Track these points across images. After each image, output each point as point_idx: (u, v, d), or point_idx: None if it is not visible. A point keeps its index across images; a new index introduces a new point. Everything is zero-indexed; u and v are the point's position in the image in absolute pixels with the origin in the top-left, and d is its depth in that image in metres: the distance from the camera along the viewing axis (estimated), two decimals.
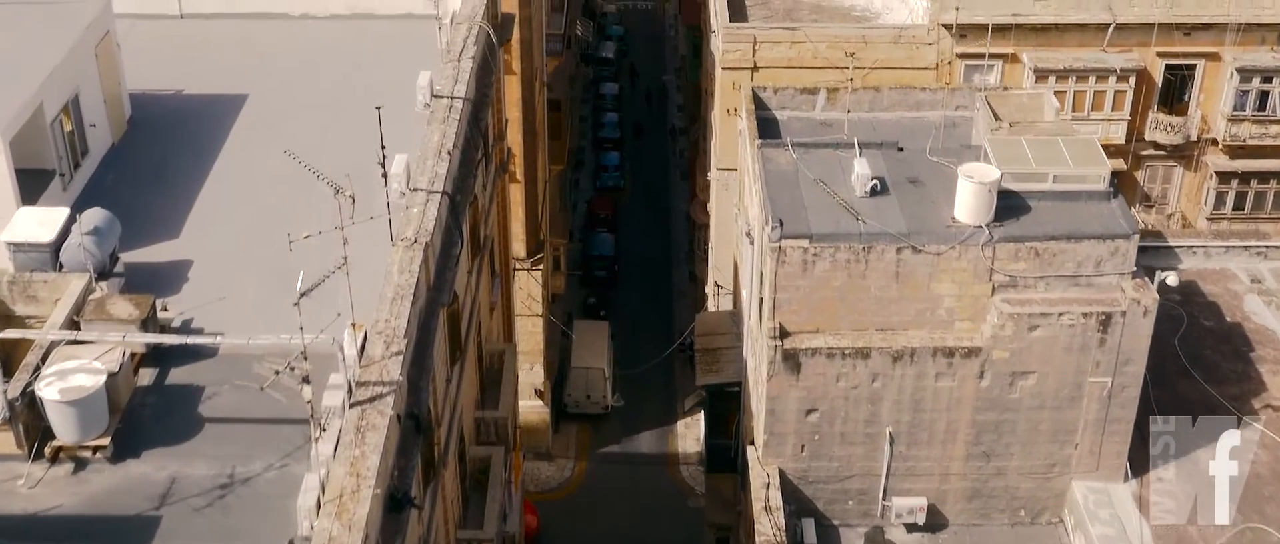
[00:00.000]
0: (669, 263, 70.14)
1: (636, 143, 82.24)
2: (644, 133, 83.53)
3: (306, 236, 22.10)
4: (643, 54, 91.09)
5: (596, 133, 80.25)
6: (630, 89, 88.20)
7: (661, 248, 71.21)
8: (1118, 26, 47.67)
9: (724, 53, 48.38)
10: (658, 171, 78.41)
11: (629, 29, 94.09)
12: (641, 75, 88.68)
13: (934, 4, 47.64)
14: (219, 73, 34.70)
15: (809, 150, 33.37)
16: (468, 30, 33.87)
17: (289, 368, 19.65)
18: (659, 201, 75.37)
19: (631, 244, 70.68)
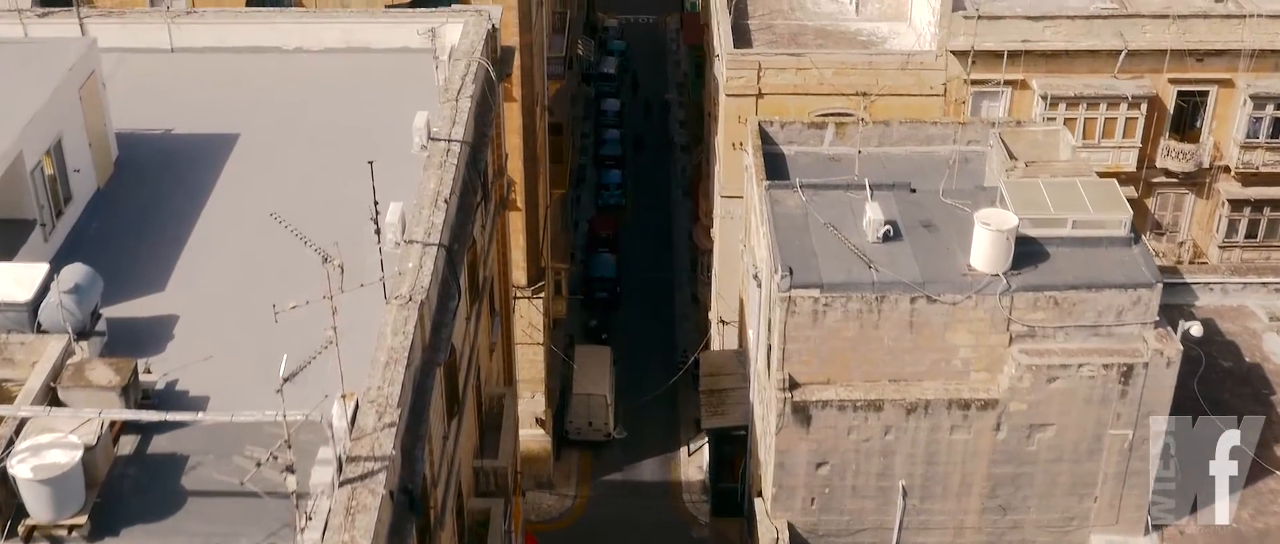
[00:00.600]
0: (671, 283, 68.65)
1: (638, 157, 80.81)
2: (645, 146, 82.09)
3: (293, 307, 20.61)
4: (644, 69, 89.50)
5: (598, 150, 78.72)
6: (632, 100, 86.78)
7: (664, 268, 69.71)
8: (1129, 53, 46.19)
9: (728, 79, 46.90)
10: (660, 189, 76.91)
11: (630, 44, 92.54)
12: (642, 86, 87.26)
13: (942, 31, 46.17)
14: (210, 110, 33.15)
15: (818, 191, 31.82)
16: (466, 67, 32.36)
17: (272, 457, 18.14)
18: (661, 220, 73.84)
19: (633, 264, 69.17)
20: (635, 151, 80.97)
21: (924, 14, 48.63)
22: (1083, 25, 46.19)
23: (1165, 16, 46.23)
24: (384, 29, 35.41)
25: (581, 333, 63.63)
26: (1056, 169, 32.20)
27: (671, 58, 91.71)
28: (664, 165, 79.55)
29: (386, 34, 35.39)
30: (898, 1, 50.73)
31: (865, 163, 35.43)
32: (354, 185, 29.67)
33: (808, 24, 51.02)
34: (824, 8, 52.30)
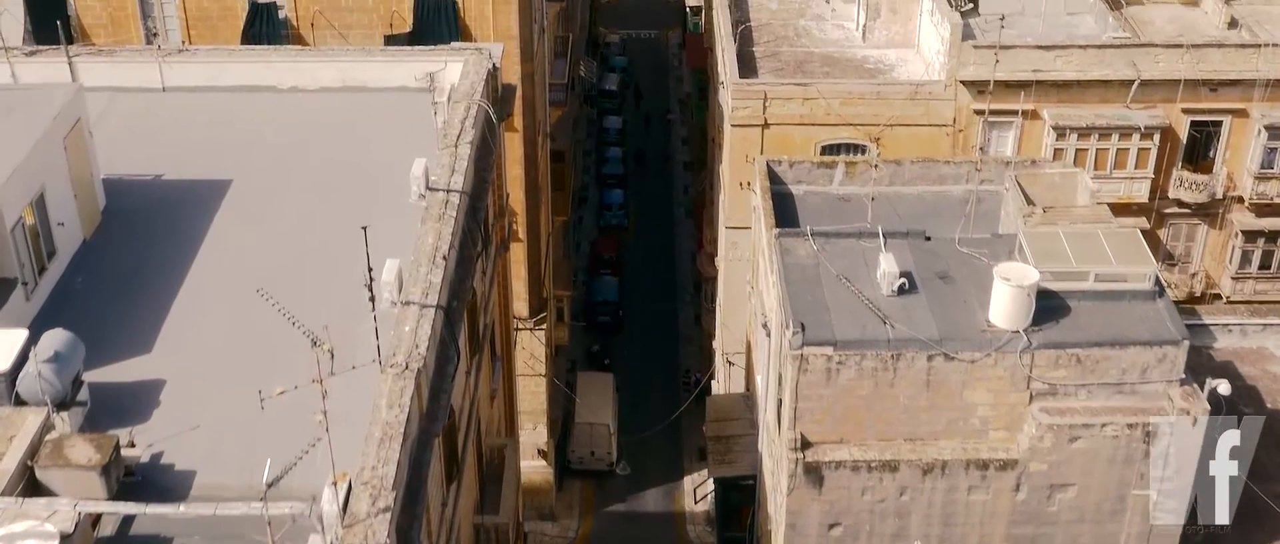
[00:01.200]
0: (674, 306, 67.16)
1: (639, 170, 79.42)
2: (646, 160, 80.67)
3: (280, 393, 19.15)
4: (646, 84, 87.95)
5: (599, 169, 77.21)
6: (635, 110, 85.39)
7: (666, 290, 68.21)
8: (1142, 83, 44.69)
9: (733, 109, 45.40)
10: (662, 208, 75.39)
11: (632, 59, 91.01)
12: (645, 98, 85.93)
13: (951, 60, 44.66)
14: (201, 153, 31.65)
15: (830, 239, 30.33)
16: (465, 109, 30.89)
17: None
18: (664, 240, 72.32)
19: (636, 287, 67.67)
20: (637, 165, 79.62)
21: (932, 41, 47.16)
22: (1095, 55, 44.70)
23: (1179, 46, 44.75)
24: (381, 67, 33.93)
25: (584, 358, 62.17)
26: (1076, 215, 30.72)
27: (674, 73, 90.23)
28: (666, 184, 78.13)
29: (384, 73, 33.91)
30: (905, 28, 49.23)
31: (877, 203, 33.97)
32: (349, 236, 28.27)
33: (814, 51, 49.52)
34: (830, 34, 50.81)
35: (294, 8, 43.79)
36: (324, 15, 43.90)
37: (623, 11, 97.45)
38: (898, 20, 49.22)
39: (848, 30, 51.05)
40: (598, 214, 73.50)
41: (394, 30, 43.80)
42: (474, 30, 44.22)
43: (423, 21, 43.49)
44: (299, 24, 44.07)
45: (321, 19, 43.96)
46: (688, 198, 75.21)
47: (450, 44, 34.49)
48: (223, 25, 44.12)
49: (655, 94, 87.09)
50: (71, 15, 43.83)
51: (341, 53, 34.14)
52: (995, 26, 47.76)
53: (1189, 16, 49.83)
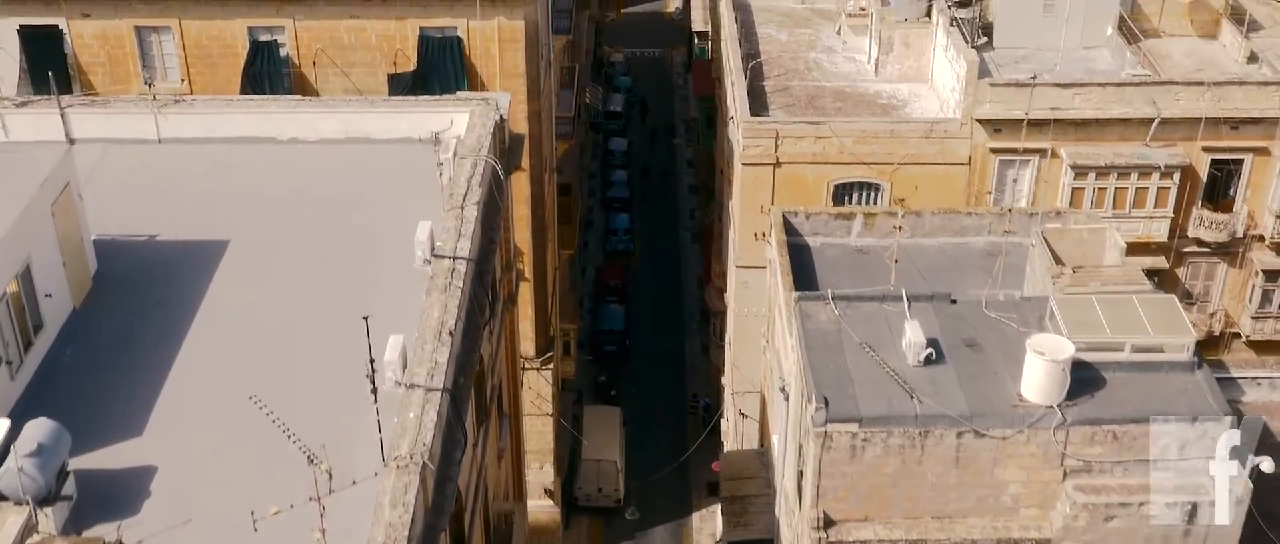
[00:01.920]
0: (681, 335, 65.41)
1: (644, 185, 77.81)
2: (651, 174, 79.07)
3: (276, 512, 17.47)
4: (651, 105, 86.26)
5: (605, 192, 75.45)
6: (641, 125, 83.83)
7: (674, 318, 66.45)
8: (1162, 121, 42.99)
9: (745, 148, 43.68)
10: (668, 233, 73.61)
11: (637, 78, 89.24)
12: (651, 111, 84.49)
13: (968, 98, 42.94)
14: (198, 210, 29.94)
15: (852, 303, 28.59)
16: (472, 166, 29.17)
17: None
18: (670, 266, 70.57)
19: (643, 315, 65.93)
20: (642, 180, 77.98)
21: (946, 77, 45.45)
22: (1114, 93, 42.99)
23: (1199, 83, 43.05)
24: (385, 119, 32.22)
25: (590, 389, 60.47)
26: (1107, 277, 29.01)
27: (678, 93, 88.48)
28: (672, 206, 76.38)
29: (387, 124, 32.21)
30: (918, 63, 47.51)
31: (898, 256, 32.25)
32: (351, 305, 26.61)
33: (825, 85, 47.81)
34: (841, 68, 49.11)
35: (295, 46, 42.08)
36: (326, 53, 42.20)
37: (626, 30, 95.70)
38: (911, 54, 47.51)
39: (859, 63, 49.35)
40: (603, 239, 71.76)
41: (398, 69, 42.09)
42: (480, 68, 42.51)
43: (427, 60, 41.79)
44: (300, 62, 42.35)
45: (324, 57, 42.25)
46: (695, 222, 73.50)
47: (456, 94, 32.74)
48: (223, 63, 42.41)
49: (660, 113, 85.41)
50: (68, 54, 42.10)
51: (343, 103, 32.43)
52: (1011, 61, 46.28)
53: (1207, 50, 48.15)
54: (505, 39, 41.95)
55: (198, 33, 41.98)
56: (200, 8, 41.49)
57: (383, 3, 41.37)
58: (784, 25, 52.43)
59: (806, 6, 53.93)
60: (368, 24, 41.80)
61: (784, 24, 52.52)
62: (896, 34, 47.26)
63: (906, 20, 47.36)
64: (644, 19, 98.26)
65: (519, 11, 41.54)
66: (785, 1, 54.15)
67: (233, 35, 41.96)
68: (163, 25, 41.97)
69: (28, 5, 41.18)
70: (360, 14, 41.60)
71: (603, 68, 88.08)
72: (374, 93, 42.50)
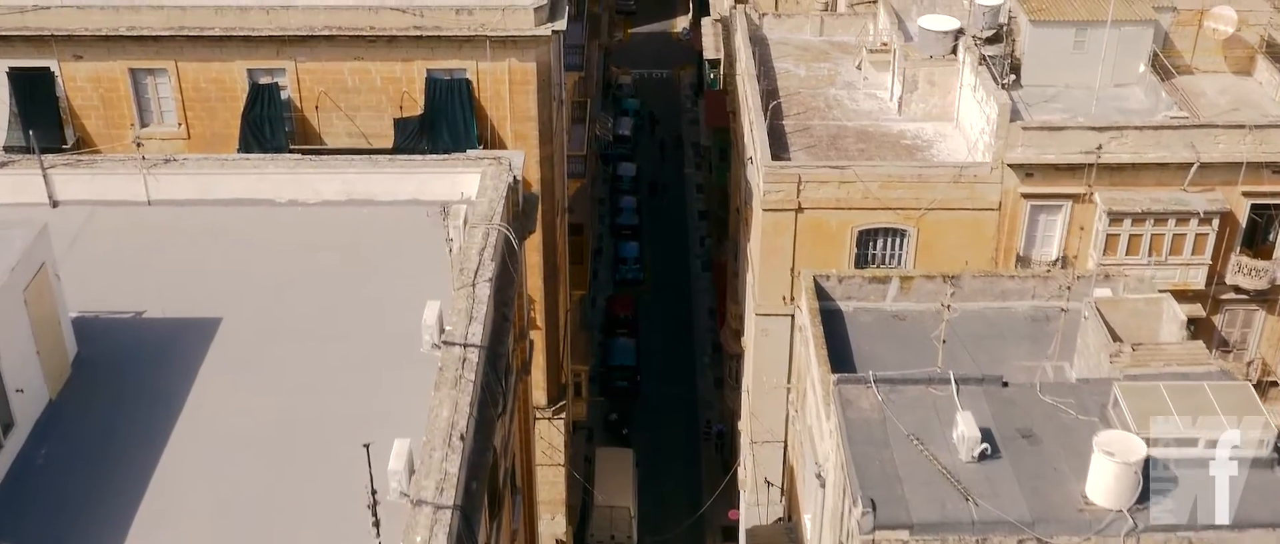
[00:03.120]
0: (693, 368, 62.49)
1: (652, 202, 75.06)
2: (658, 190, 76.30)
3: None
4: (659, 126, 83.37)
5: (614, 219, 72.49)
6: (650, 134, 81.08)
7: (685, 352, 63.50)
8: (1201, 165, 40.01)
9: (766, 193, 40.69)
10: (678, 260, 70.62)
11: (645, 100, 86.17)
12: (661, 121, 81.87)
13: (998, 141, 39.96)
14: (188, 282, 27.02)
15: (896, 388, 25.64)
16: (484, 237, 26.24)
17: None
18: (681, 296, 67.59)
19: (653, 347, 62.97)
20: (650, 197, 75.20)
21: (974, 116, 42.49)
22: (1151, 136, 39.99)
23: (1240, 126, 40.04)
24: (390, 180, 29.32)
25: (601, 427, 57.55)
26: (1170, 356, 26.10)
27: (687, 115, 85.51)
28: (682, 231, 73.40)
29: (393, 185, 29.32)
30: (944, 101, 44.54)
31: (932, 320, 29.36)
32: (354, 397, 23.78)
33: (847, 124, 44.82)
34: (863, 105, 46.13)
35: (297, 88, 39.17)
36: (329, 96, 39.29)
37: (634, 51, 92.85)
38: (936, 93, 44.54)
39: (882, 101, 46.37)
40: (613, 268, 68.81)
41: (404, 112, 39.17)
42: (490, 111, 39.58)
43: (435, 103, 38.86)
44: (303, 105, 39.44)
45: (326, 100, 39.35)
46: (705, 250, 70.59)
47: (466, 152, 29.79)
48: (222, 107, 39.50)
49: (668, 133, 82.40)
50: (60, 97, 39.18)
51: (346, 163, 29.47)
52: (1040, 100, 43.36)
53: (1243, 88, 45.22)
54: (516, 82, 39.05)
55: (195, 75, 39.07)
56: (197, 49, 38.58)
57: (388, 44, 38.45)
58: (802, 59, 49.47)
59: (825, 39, 50.98)
60: (372, 66, 38.89)
61: (802, 58, 49.56)
62: (921, 72, 44.29)
63: (931, 57, 44.38)
64: (651, 39, 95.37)
65: (531, 53, 38.63)
66: (802, 34, 51.18)
67: (232, 77, 39.05)
68: (158, 67, 39.08)
69: (17, 47, 38.25)
70: (364, 55, 38.70)
71: (610, 89, 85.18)
72: (379, 137, 39.67)
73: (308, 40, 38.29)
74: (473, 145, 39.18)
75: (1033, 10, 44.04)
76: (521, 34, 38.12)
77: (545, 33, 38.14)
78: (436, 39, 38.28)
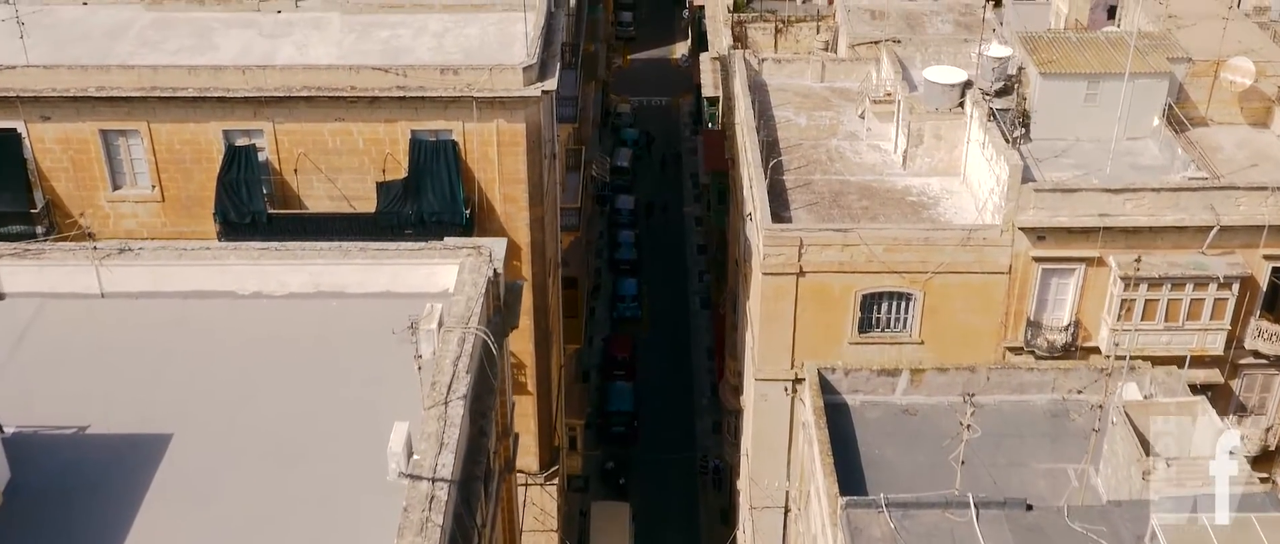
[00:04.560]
0: (691, 410, 59.38)
1: (649, 221, 72.11)
2: (655, 212, 73.34)
3: None
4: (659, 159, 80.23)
5: (612, 254, 69.34)
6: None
7: (684, 392, 60.36)
8: (1222, 228, 36.89)
9: (766, 257, 37.59)
10: (677, 295, 67.40)
11: (645, 128, 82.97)
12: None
13: (1009, 204, 36.86)
14: (139, 391, 24.03)
15: (910, 512, 22.55)
16: (459, 344, 23.15)
17: None
18: (680, 335, 64.41)
19: (651, 388, 59.84)
20: (647, 216, 72.49)
21: (982, 173, 39.37)
22: (1169, 198, 36.86)
23: (1263, 188, 36.90)
24: (361, 271, 26.25)
25: (597, 477, 54.43)
26: (1208, 476, 22.91)
27: (686, 144, 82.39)
28: (681, 265, 70.26)
29: (364, 277, 26.23)
30: (950, 156, 41.41)
31: (945, 416, 26.25)
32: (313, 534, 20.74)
33: (850, 179, 41.69)
34: (866, 158, 43.00)
35: (276, 150, 36.12)
36: (309, 158, 36.23)
37: (634, 78, 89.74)
38: (942, 147, 41.41)
39: (885, 153, 43.23)
40: (610, 306, 65.65)
41: (388, 175, 36.12)
42: (478, 173, 36.51)
43: (420, 165, 35.78)
44: (282, 167, 36.39)
45: (306, 162, 36.30)
46: (704, 285, 67.45)
47: (444, 240, 26.68)
48: (197, 169, 36.45)
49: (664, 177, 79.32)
50: (28, 159, 36.12)
51: (313, 252, 26.38)
52: (1050, 155, 40.24)
53: (1260, 141, 42.01)
54: (505, 143, 36.00)
55: (169, 136, 36.02)
56: (170, 110, 35.55)
57: (370, 105, 35.38)
58: (803, 107, 46.33)
59: (826, 85, 47.85)
60: (354, 127, 35.82)
61: (803, 106, 46.42)
62: (927, 126, 41.15)
63: (937, 110, 41.24)
64: (651, 66, 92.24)
65: (520, 114, 35.55)
66: (803, 79, 48.04)
67: (207, 139, 36.01)
68: (130, 128, 36.04)
69: None
70: (346, 116, 35.64)
71: (609, 117, 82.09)
72: (362, 200, 36.62)
73: (286, 101, 35.24)
74: (459, 209, 36.16)
75: (1043, 62, 40.90)
76: (510, 94, 35.05)
77: (534, 94, 35.05)
78: (421, 100, 35.24)
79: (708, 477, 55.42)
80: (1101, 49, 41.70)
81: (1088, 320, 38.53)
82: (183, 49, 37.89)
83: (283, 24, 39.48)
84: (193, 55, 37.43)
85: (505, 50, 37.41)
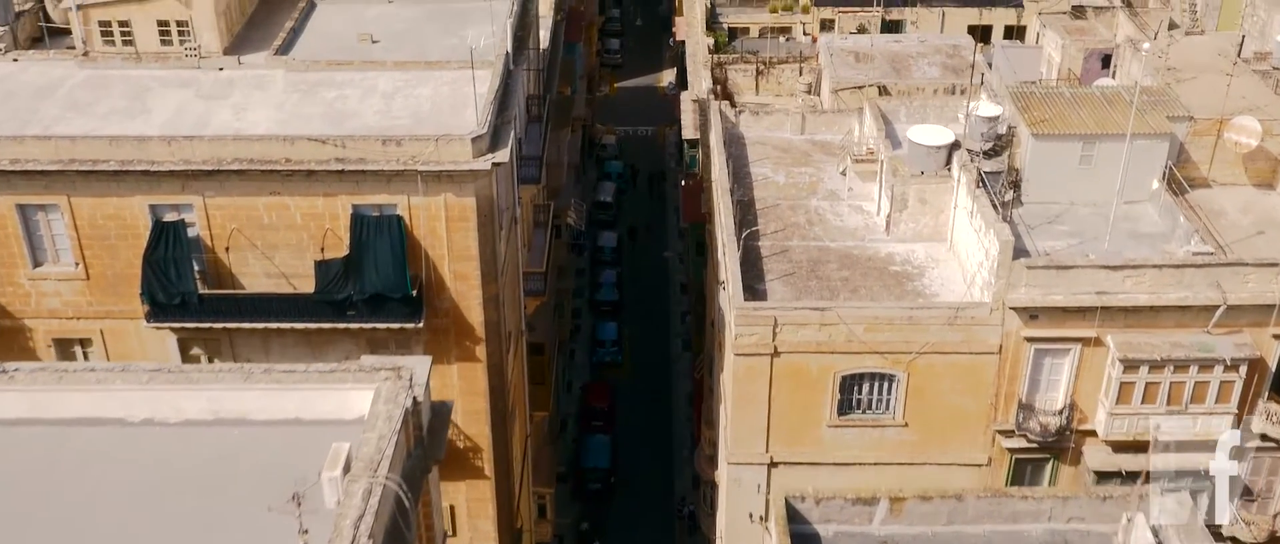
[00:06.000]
0: (671, 462, 55.49)
1: (632, 246, 68.40)
2: (638, 237, 69.65)
3: None
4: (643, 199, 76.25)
5: (593, 294, 65.39)
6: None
7: (663, 443, 56.44)
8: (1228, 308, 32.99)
9: (738, 337, 33.73)
10: (659, 336, 63.42)
11: (630, 161, 79.01)
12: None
13: (1000, 281, 32.95)
14: (7, 537, 20.13)
15: None
16: (365, 498, 19.24)
17: None
18: (661, 378, 60.46)
19: (630, 438, 55.93)
20: (630, 241, 69.16)
21: (970, 243, 35.49)
22: (1172, 275, 32.95)
23: (1273, 265, 32.97)
24: (266, 396, 22.27)
25: (572, 535, 50.53)
26: None
27: (671, 176, 78.42)
28: (662, 302, 66.32)
29: (270, 403, 22.26)
30: (936, 221, 37.50)
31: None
32: None
33: (830, 246, 37.75)
34: (847, 221, 39.06)
35: (207, 226, 32.22)
36: (243, 233, 32.33)
37: (619, 106, 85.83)
38: (928, 211, 37.49)
39: (867, 214, 39.31)
40: (590, 350, 61.71)
41: (327, 253, 32.19)
42: (426, 247, 32.61)
43: (362, 242, 31.86)
44: (214, 244, 32.49)
45: (240, 238, 32.39)
46: (686, 326, 63.49)
47: (360, 361, 22.74)
48: (123, 245, 32.56)
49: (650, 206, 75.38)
50: None
51: (211, 377, 22.43)
52: (1043, 221, 36.40)
53: (1265, 204, 38.13)
54: (454, 218, 32.08)
55: (91, 211, 32.12)
56: (92, 183, 31.61)
57: (307, 177, 31.45)
58: (781, 163, 42.39)
59: (806, 138, 43.93)
60: (291, 201, 31.92)
61: (781, 161, 42.48)
62: (911, 189, 37.24)
63: (923, 173, 37.31)
64: (637, 94, 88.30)
65: (469, 187, 31.65)
66: (782, 131, 44.11)
67: (132, 213, 32.12)
68: (50, 203, 32.15)
69: None
70: (281, 190, 31.73)
71: (593, 148, 78.14)
72: (302, 277, 32.74)
73: (216, 174, 31.30)
74: (405, 289, 32.26)
75: (1035, 121, 36.99)
76: (458, 168, 31.12)
77: (484, 167, 31.12)
78: (362, 173, 31.29)
79: (684, 521, 51.89)
80: (1097, 107, 37.80)
81: (1084, 403, 34.71)
82: (114, 112, 34.02)
83: (222, 83, 35.58)
84: (123, 119, 33.56)
85: (457, 114, 33.50)
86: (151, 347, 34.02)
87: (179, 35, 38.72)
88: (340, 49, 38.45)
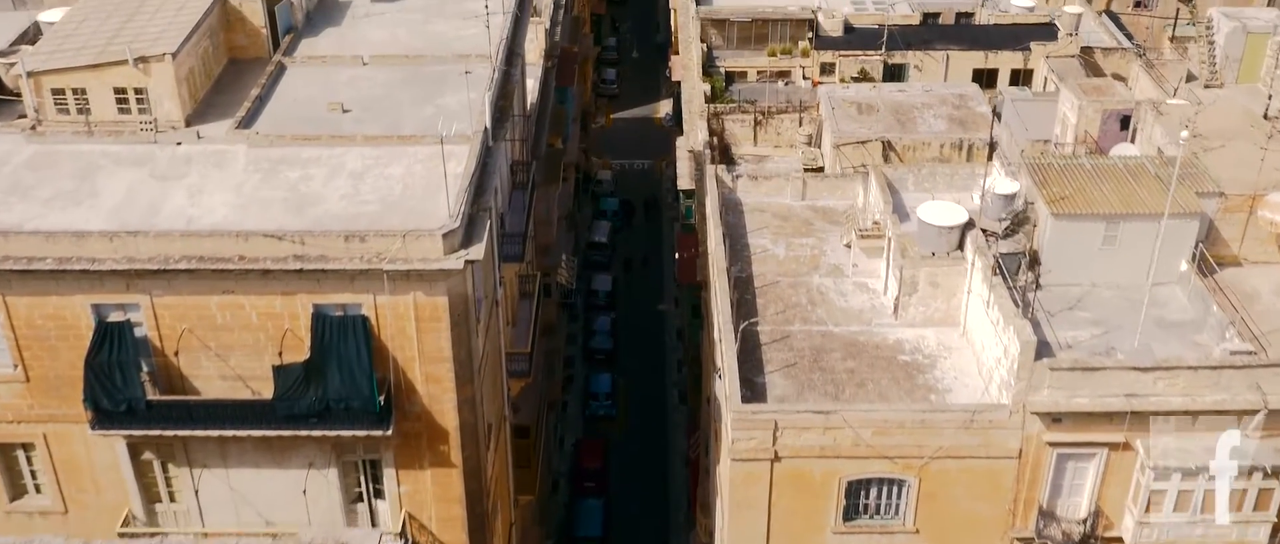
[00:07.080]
0: (666, 528, 51.88)
1: (626, 277, 65.08)
2: (633, 267, 66.30)
3: None
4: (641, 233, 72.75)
5: (587, 341, 61.82)
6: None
7: (658, 507, 52.87)
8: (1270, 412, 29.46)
9: (735, 442, 30.22)
10: (655, 386, 59.79)
11: (625, 195, 75.43)
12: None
13: (1021, 383, 29.42)
14: None
15: None
16: None
17: None
18: (657, 433, 56.86)
19: (625, 502, 52.41)
20: (625, 272, 66.63)
21: (985, 331, 31.97)
22: (1209, 377, 29.46)
23: None
24: None
25: None
26: None
27: (668, 211, 74.79)
28: (658, 350, 62.75)
29: None
30: (948, 305, 33.97)
31: None
32: None
33: (834, 331, 34.21)
34: (852, 302, 35.52)
35: (155, 326, 28.68)
36: (194, 334, 28.79)
37: (616, 138, 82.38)
38: (939, 295, 33.96)
39: (874, 294, 35.80)
40: (583, 403, 58.13)
41: (286, 356, 28.64)
42: (394, 350, 29.06)
43: (324, 344, 28.35)
44: (163, 346, 28.95)
45: (192, 339, 28.84)
46: (683, 377, 59.90)
47: None
48: (64, 346, 29.04)
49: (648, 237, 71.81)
50: None
51: None
52: (1063, 306, 32.89)
53: None
54: (425, 318, 28.53)
55: (28, 311, 28.62)
56: (27, 282, 28.08)
57: (263, 276, 27.88)
58: (781, 232, 38.84)
59: (807, 204, 40.35)
60: (246, 300, 28.38)
61: (781, 231, 38.92)
62: (921, 272, 33.71)
63: (933, 255, 33.77)
64: (634, 126, 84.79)
65: (440, 286, 28.11)
66: (782, 197, 40.54)
67: (73, 313, 28.60)
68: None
69: None
70: (235, 288, 28.17)
71: (589, 184, 74.58)
72: (260, 380, 29.20)
73: (164, 273, 27.76)
74: (372, 396, 28.72)
75: (1054, 199, 33.48)
76: (427, 267, 27.56)
77: (456, 266, 27.57)
78: (323, 272, 27.74)
79: None
80: (1121, 182, 34.28)
81: (1110, 509, 31.26)
82: (58, 196, 30.47)
83: (179, 161, 32.03)
84: (67, 204, 30.02)
85: (431, 199, 29.94)
86: (99, 452, 30.58)
87: (137, 103, 35.12)
88: (308, 119, 34.89)
